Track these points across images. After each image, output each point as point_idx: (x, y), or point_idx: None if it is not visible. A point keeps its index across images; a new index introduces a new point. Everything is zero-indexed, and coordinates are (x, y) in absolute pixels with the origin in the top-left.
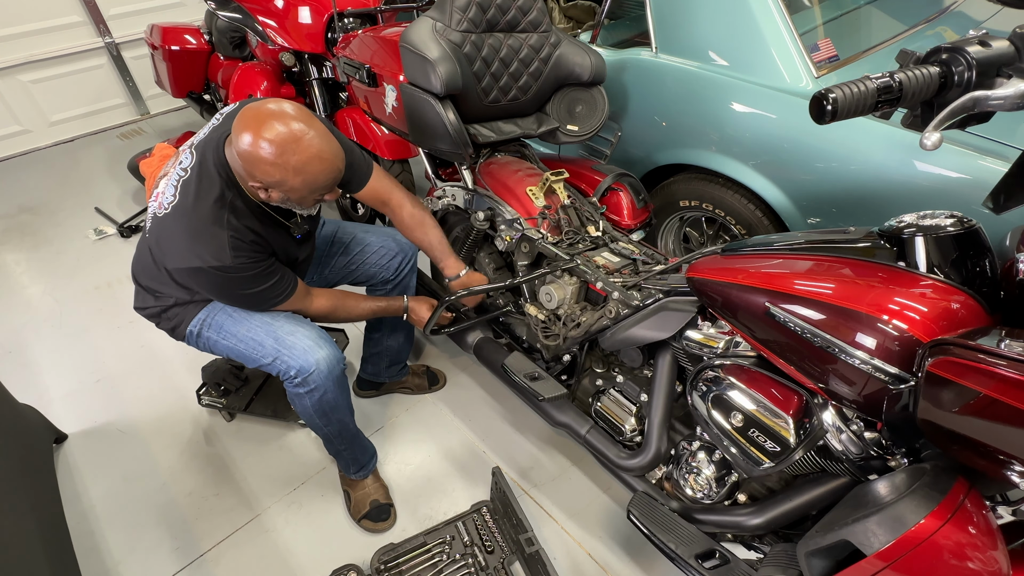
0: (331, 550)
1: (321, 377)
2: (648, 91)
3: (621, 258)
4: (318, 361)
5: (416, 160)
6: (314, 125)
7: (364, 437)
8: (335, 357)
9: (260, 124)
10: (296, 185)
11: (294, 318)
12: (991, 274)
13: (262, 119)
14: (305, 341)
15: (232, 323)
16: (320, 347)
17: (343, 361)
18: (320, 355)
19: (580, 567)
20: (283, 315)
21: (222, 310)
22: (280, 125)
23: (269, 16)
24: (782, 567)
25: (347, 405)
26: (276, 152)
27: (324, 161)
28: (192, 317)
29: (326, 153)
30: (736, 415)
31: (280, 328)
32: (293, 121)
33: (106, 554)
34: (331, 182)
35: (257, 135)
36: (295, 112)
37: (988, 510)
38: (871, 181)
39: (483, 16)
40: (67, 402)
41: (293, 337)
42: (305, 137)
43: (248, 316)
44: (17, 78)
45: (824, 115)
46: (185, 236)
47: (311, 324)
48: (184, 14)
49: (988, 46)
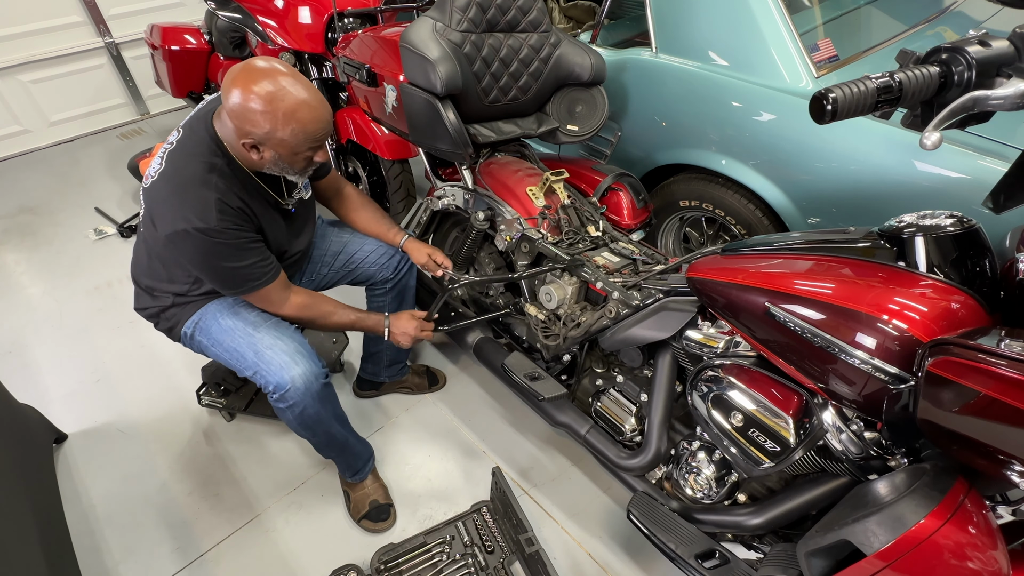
0: (331, 550)
1: (298, 394)
2: (648, 91)
3: (621, 258)
4: (293, 378)
5: (416, 160)
6: (300, 79)
7: (358, 442)
8: (312, 372)
9: (249, 77)
10: (286, 136)
11: (278, 327)
12: (991, 274)
13: (251, 73)
14: (282, 356)
15: (219, 331)
16: (296, 363)
17: (323, 376)
18: (296, 372)
19: (580, 567)
20: (267, 324)
21: (212, 315)
22: (268, 77)
23: (269, 16)
24: (782, 567)
25: (331, 417)
26: (265, 100)
27: (313, 109)
28: (187, 319)
29: (314, 101)
30: (736, 415)
31: (261, 341)
32: (281, 75)
33: (106, 554)
34: (320, 133)
35: (246, 87)
36: (283, 67)
37: (988, 510)
38: (871, 181)
39: (483, 16)
40: (67, 402)
41: (271, 352)
42: (293, 87)
43: (233, 324)
44: (17, 78)
45: (824, 115)
46: (172, 198)
47: (293, 335)
48: (184, 14)
49: (988, 46)
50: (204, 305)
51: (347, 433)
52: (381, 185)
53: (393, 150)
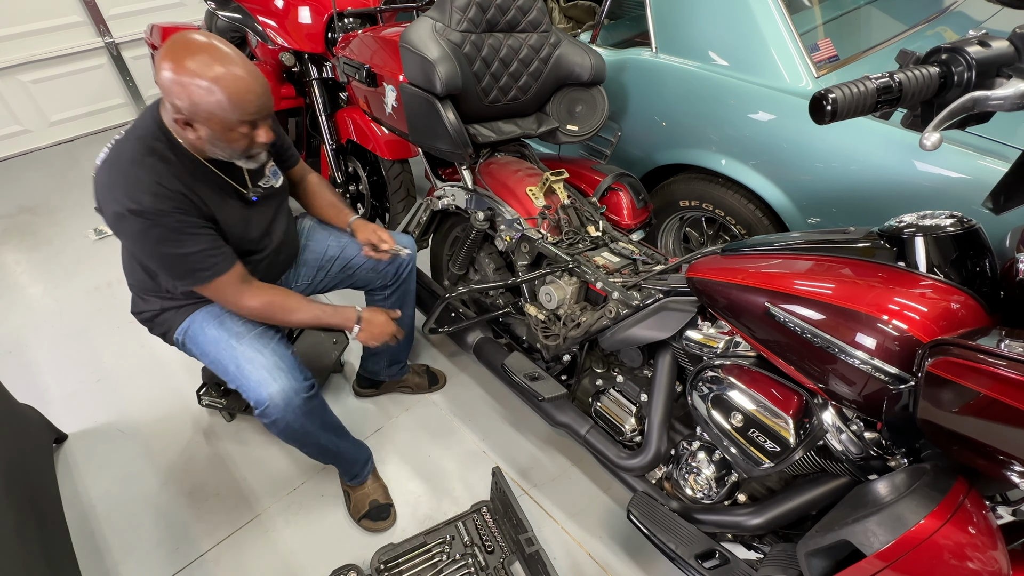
0: (331, 550)
1: (278, 410)
2: (648, 91)
3: (621, 258)
4: (271, 395)
5: (416, 160)
6: (231, 50)
7: (353, 448)
8: (291, 388)
9: (175, 49)
10: (213, 108)
11: (261, 339)
12: (991, 274)
13: (177, 44)
14: (260, 372)
15: (205, 341)
16: (275, 379)
17: (306, 389)
18: (273, 388)
19: (580, 567)
20: (250, 335)
21: (200, 324)
22: (194, 47)
23: (269, 16)
24: (782, 567)
25: (319, 429)
26: (189, 71)
27: (239, 79)
28: (177, 325)
29: (242, 71)
30: (736, 415)
31: (242, 354)
32: (208, 46)
33: (106, 554)
34: (251, 106)
35: (172, 59)
36: (215, 40)
37: (988, 510)
38: (871, 181)
39: (483, 16)
40: (67, 402)
41: (251, 366)
42: (220, 57)
43: (217, 335)
44: (17, 78)
45: (824, 115)
46: (110, 181)
47: (275, 348)
48: (184, 14)
49: (988, 46)
50: (192, 312)
51: (340, 442)
52: (381, 185)
53: (393, 150)
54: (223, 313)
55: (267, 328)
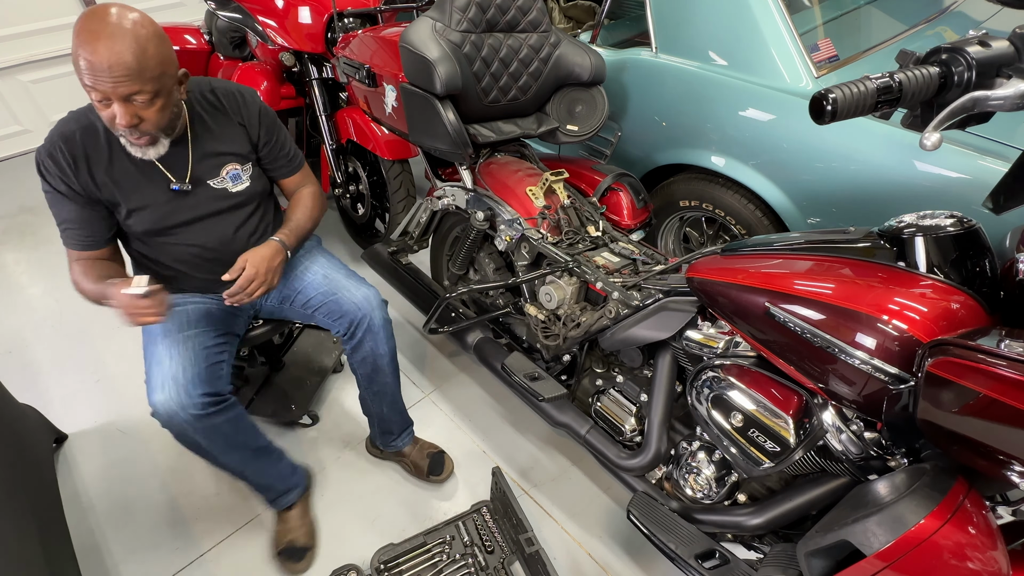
0: (331, 550)
1: (162, 419)
2: (648, 91)
3: (621, 258)
4: (155, 403)
5: (416, 160)
6: (132, 20)
7: (266, 474)
8: (178, 403)
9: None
10: (75, 60)
11: (184, 342)
12: (991, 274)
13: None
14: (156, 378)
15: (147, 333)
16: (163, 389)
17: (197, 407)
18: (158, 398)
19: (580, 567)
20: (178, 334)
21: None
22: (97, 9)
23: (269, 16)
24: (782, 567)
25: (221, 446)
26: (78, 24)
27: (98, 44)
28: None
29: (109, 37)
30: (736, 415)
31: (157, 352)
32: (107, 10)
33: (106, 554)
34: (97, 76)
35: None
36: (124, 8)
37: (988, 510)
38: (871, 181)
39: (483, 16)
40: (67, 402)
41: (156, 368)
42: (104, 18)
43: (155, 327)
44: (17, 78)
45: (824, 115)
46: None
47: (186, 356)
48: (184, 14)
49: (988, 46)
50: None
51: (249, 464)
52: (381, 185)
53: (393, 150)
54: (174, 303)
55: (205, 331)
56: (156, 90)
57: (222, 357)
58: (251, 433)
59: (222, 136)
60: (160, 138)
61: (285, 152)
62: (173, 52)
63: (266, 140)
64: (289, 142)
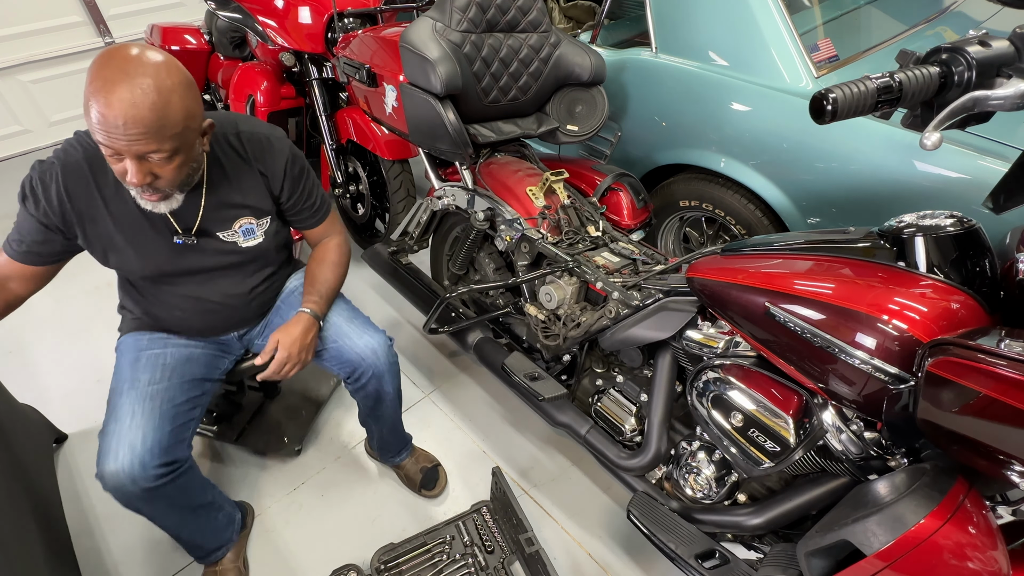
0: (331, 550)
1: (107, 486)
2: (648, 91)
3: (621, 258)
4: (104, 471)
5: (416, 160)
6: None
7: (202, 532)
8: (129, 475)
9: (99, 55)
10: (87, 107)
11: (151, 399)
12: (991, 274)
13: (105, 51)
14: (111, 439)
15: (117, 366)
16: (117, 458)
17: (149, 479)
18: (110, 467)
19: (580, 567)
20: (145, 387)
21: (126, 346)
22: (112, 53)
23: (269, 16)
24: (782, 567)
25: (161, 510)
26: (89, 74)
27: (112, 97)
28: (122, 332)
29: (125, 90)
30: (736, 415)
31: (120, 406)
32: (125, 55)
33: (106, 554)
34: (109, 132)
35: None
36: (146, 51)
37: (988, 510)
38: (871, 181)
39: (483, 16)
40: (67, 402)
41: (114, 425)
42: (121, 66)
43: (124, 368)
44: (17, 78)
45: (824, 115)
46: None
47: (149, 418)
48: (184, 14)
49: (988, 46)
50: (131, 330)
51: (185, 525)
52: (381, 185)
53: (393, 150)
54: (145, 350)
55: (178, 384)
56: (176, 147)
57: (191, 415)
58: (197, 492)
59: (240, 186)
60: (174, 194)
61: (311, 203)
62: (200, 102)
63: (290, 192)
64: (317, 191)
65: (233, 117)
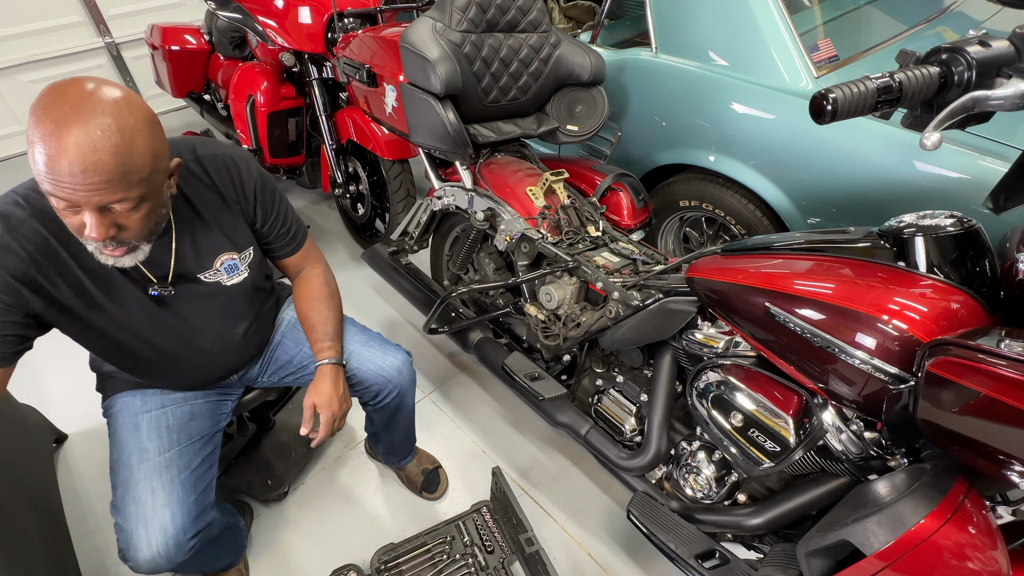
0: (331, 550)
1: (139, 570)
2: (648, 91)
3: (621, 258)
4: (136, 559)
5: (416, 160)
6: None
7: (222, 558)
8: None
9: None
10: (31, 151)
11: (167, 468)
12: (991, 274)
13: (51, 85)
14: (138, 524)
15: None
16: (150, 543)
17: (182, 554)
18: (143, 554)
19: (580, 567)
20: (158, 456)
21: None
22: (58, 89)
23: (269, 16)
24: (782, 567)
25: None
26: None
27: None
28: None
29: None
30: (736, 415)
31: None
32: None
33: (106, 554)
34: (60, 182)
35: (35, 102)
36: (98, 86)
37: (988, 510)
38: (871, 181)
39: (483, 16)
40: (67, 402)
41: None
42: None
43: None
44: (17, 78)
45: (824, 115)
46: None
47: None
48: (184, 14)
49: (988, 46)
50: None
51: (208, 563)
52: (381, 185)
53: (393, 150)
54: (143, 413)
55: (189, 444)
56: (143, 194)
57: (210, 475)
58: (217, 529)
59: (214, 219)
60: (141, 245)
61: (286, 229)
62: (165, 140)
63: (263, 218)
64: (290, 215)
65: (189, 141)
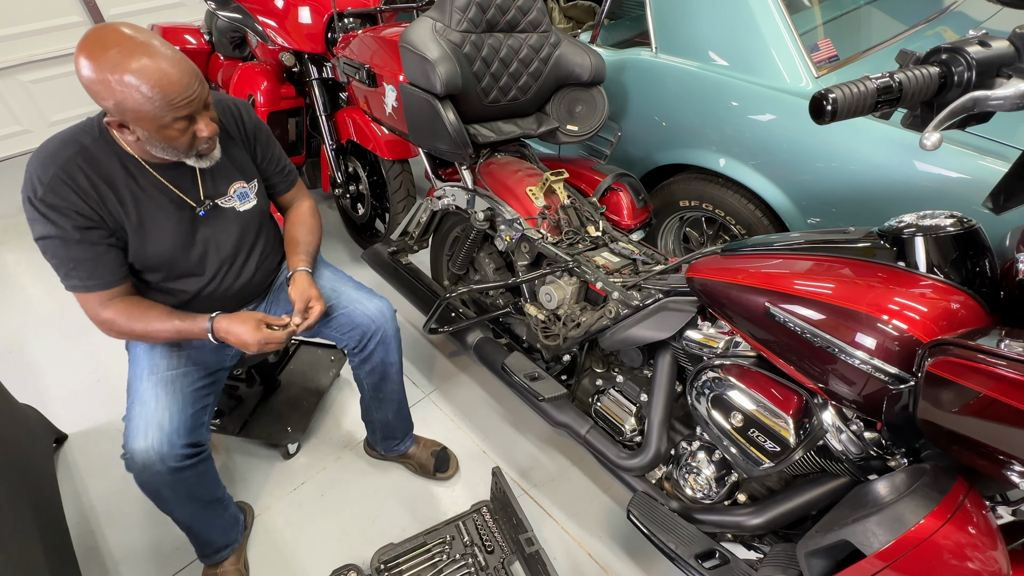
0: (331, 550)
1: (135, 467)
2: (648, 91)
3: (621, 258)
4: (134, 451)
5: (416, 160)
6: (154, 38)
7: (212, 528)
8: (159, 453)
9: (92, 43)
10: (140, 101)
11: (171, 383)
12: (991, 274)
13: (94, 37)
14: (138, 421)
15: (133, 357)
16: (146, 436)
17: (176, 459)
18: (139, 445)
19: (580, 567)
20: (163, 372)
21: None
22: (112, 39)
23: (269, 16)
24: (782, 567)
25: (181, 498)
26: (108, 66)
27: (162, 70)
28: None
29: (165, 60)
30: (736, 415)
31: (142, 391)
32: (127, 37)
33: (106, 554)
34: (177, 97)
35: (90, 55)
36: (132, 29)
37: (988, 510)
38: (871, 181)
39: (483, 16)
40: (67, 402)
41: (138, 408)
42: (139, 46)
43: (140, 357)
44: (17, 78)
45: (824, 115)
46: (26, 167)
47: (172, 400)
48: (184, 14)
49: (988, 46)
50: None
51: (197, 518)
52: (381, 185)
53: (393, 150)
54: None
55: (192, 370)
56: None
57: (207, 401)
58: (211, 484)
59: (226, 151)
60: (216, 143)
61: (281, 167)
62: None
63: (263, 155)
64: (283, 156)
65: None
